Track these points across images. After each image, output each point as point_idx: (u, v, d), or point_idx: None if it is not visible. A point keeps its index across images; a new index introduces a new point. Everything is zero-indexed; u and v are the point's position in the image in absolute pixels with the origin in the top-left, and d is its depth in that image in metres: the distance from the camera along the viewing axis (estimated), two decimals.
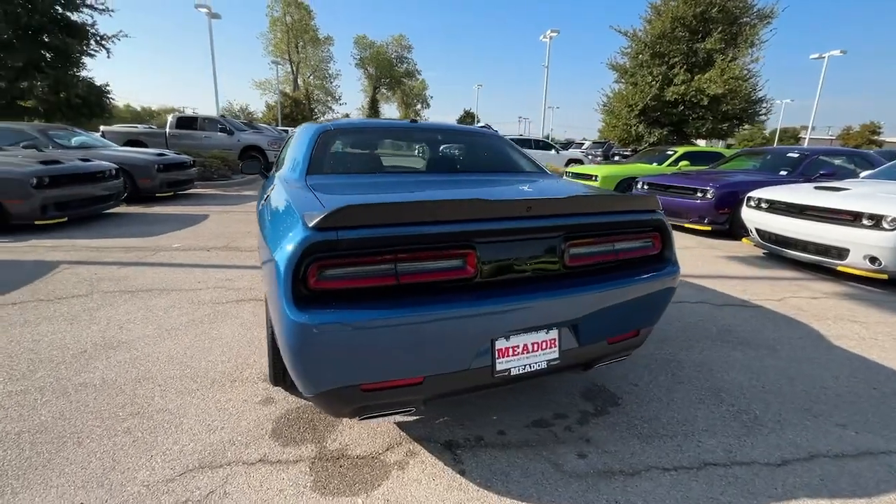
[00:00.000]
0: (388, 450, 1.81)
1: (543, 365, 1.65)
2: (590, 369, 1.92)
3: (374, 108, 54.35)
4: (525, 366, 1.62)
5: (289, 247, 1.32)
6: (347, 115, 55.31)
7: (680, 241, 6.08)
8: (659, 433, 1.96)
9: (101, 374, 2.32)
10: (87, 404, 2.06)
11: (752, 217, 5.22)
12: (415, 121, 2.96)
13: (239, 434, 1.88)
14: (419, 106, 63.21)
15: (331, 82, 51.11)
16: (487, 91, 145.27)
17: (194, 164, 9.19)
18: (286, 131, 22.14)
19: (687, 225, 6.53)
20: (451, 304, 1.44)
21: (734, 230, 6.13)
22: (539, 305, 1.59)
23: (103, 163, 6.62)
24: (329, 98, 51.53)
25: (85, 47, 11.59)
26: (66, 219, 5.80)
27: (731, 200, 6.14)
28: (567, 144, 26.60)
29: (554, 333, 1.66)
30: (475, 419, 2.02)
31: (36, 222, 5.51)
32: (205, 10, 21.40)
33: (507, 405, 2.13)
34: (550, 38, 23.49)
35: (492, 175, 2.50)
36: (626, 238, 1.86)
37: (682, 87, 11.70)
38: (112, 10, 11.93)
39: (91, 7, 11.59)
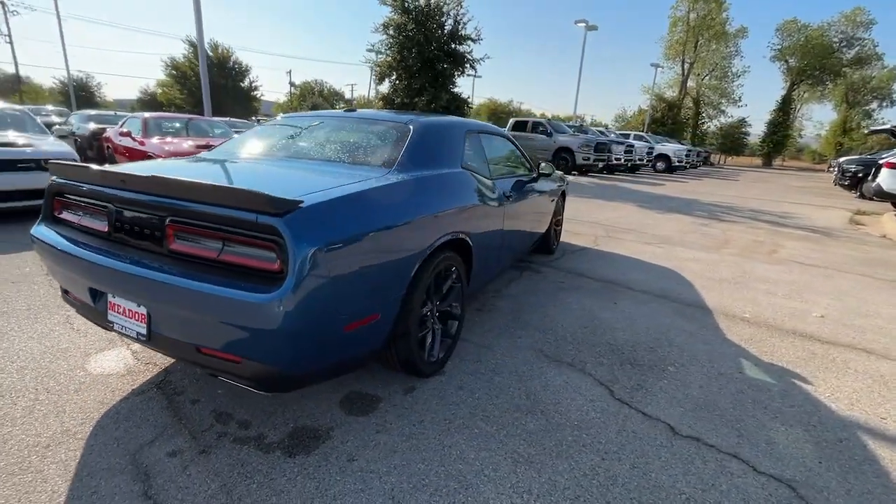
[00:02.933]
0: (129, 374, 2.31)
1: (134, 335, 1.72)
2: (216, 377, 1.71)
3: (784, 111, 43.11)
4: (123, 327, 1.75)
5: None
6: (743, 120, 46.47)
7: None
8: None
9: None
10: None
11: None
12: (352, 110, 2.90)
13: None
14: (873, 104, 45.41)
15: (731, 81, 44.14)
16: None
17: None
18: (643, 137, 21.55)
19: None
20: (77, 248, 1.80)
21: None
22: (128, 276, 1.64)
23: None
24: (723, 100, 44.86)
25: (461, 69, 15.65)
26: None
27: None
28: None
29: (143, 310, 1.67)
30: (209, 386, 2.16)
31: None
32: (582, 24, 23.48)
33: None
34: None
35: (325, 164, 2.28)
36: (239, 240, 1.52)
37: None
38: (482, 39, 15.46)
39: (471, 39, 15.44)
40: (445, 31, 14.78)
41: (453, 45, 15.00)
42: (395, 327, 1.96)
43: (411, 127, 2.42)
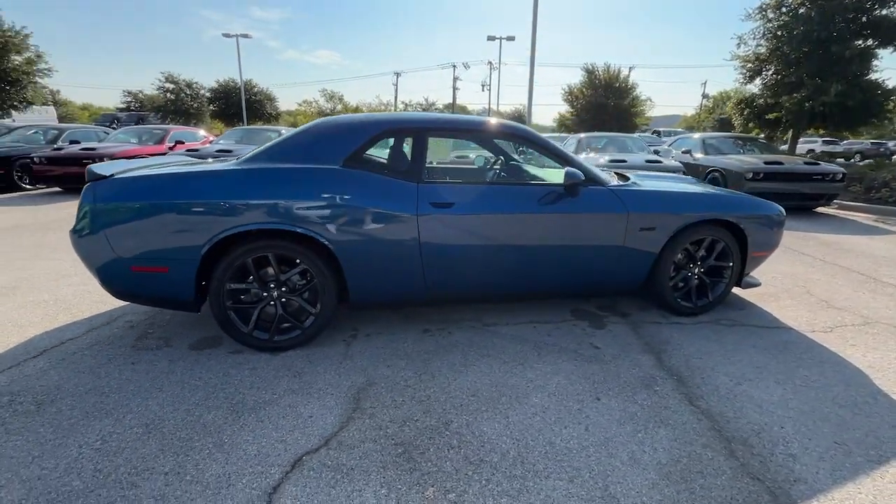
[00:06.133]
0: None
1: None
2: None
3: None
4: None
5: None
6: None
7: None
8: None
9: None
10: None
11: None
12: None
13: None
14: None
15: None
16: None
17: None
18: None
19: None
20: None
21: None
22: None
23: (830, 166, 7.17)
24: None
25: (892, 42, 9.78)
26: None
27: None
28: None
29: None
30: None
31: None
32: None
33: None
34: None
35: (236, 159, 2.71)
36: None
37: None
38: None
39: None
40: None
41: (878, 10, 9.89)
42: (200, 288, 2.35)
43: (309, 124, 2.59)
